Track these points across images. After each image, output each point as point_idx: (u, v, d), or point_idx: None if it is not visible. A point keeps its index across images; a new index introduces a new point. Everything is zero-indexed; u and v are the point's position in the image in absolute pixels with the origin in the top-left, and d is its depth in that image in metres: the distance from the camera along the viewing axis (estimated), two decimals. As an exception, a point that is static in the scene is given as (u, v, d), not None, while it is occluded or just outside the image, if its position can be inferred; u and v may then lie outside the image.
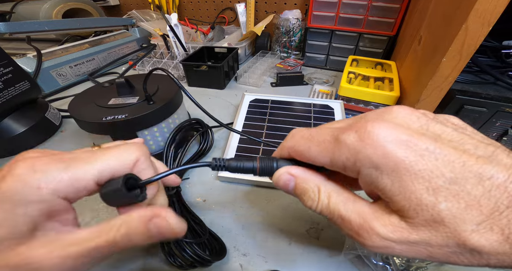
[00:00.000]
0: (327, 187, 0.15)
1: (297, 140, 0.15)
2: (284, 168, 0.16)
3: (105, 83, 0.38)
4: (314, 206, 0.15)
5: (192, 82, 0.61)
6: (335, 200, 0.14)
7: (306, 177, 0.15)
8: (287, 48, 0.74)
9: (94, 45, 0.68)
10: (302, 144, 0.15)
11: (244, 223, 0.29)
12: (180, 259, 0.23)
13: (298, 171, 0.16)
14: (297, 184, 0.15)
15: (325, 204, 0.14)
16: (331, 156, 0.13)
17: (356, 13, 0.60)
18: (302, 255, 0.26)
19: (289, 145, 0.16)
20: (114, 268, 0.24)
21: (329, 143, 0.14)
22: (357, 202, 0.14)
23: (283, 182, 0.16)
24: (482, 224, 0.10)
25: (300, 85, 0.61)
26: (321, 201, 0.15)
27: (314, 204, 0.15)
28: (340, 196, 0.14)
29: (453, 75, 0.30)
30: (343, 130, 0.13)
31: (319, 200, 0.15)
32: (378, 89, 0.47)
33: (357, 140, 0.12)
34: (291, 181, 0.16)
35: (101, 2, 0.99)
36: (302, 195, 0.15)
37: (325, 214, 0.15)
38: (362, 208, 0.14)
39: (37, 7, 0.72)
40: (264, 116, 0.42)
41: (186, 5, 0.93)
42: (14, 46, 0.71)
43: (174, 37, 0.65)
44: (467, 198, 0.11)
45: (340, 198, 0.14)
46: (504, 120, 0.32)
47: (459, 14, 0.28)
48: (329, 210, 0.14)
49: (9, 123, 0.40)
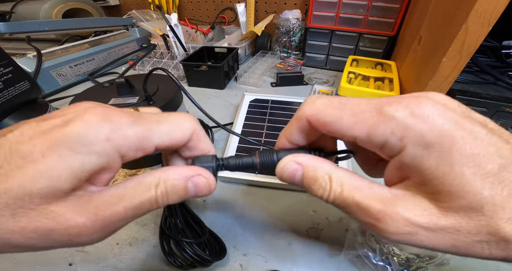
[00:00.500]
0: (339, 174, 0.13)
1: (320, 108, 0.14)
2: (289, 156, 0.15)
3: (105, 83, 0.38)
4: (325, 196, 0.14)
5: (192, 82, 0.61)
6: (348, 187, 0.13)
7: (315, 164, 0.14)
8: (287, 48, 0.74)
9: (94, 45, 0.68)
10: (330, 113, 0.13)
11: (244, 223, 0.29)
12: (180, 259, 0.23)
13: (305, 158, 0.14)
14: (305, 173, 0.14)
15: (338, 193, 0.13)
16: (371, 128, 0.12)
17: (356, 13, 0.60)
18: (302, 255, 0.26)
19: (310, 113, 0.14)
20: (114, 268, 0.24)
21: (369, 115, 0.12)
22: (373, 187, 0.13)
23: (289, 172, 0.14)
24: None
25: (300, 85, 0.61)
26: (333, 189, 0.13)
27: (325, 193, 0.13)
28: (353, 182, 0.13)
29: (453, 75, 0.30)
30: (388, 103, 0.12)
31: (331, 188, 0.13)
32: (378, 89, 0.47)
33: (409, 116, 0.11)
34: (298, 171, 0.14)
35: (101, 2, 0.99)
36: (311, 185, 0.14)
37: (338, 203, 0.13)
38: (381, 193, 0.13)
39: (37, 7, 0.72)
40: (264, 116, 0.42)
41: (186, 5, 0.93)
42: (14, 46, 0.71)
43: (174, 37, 0.65)
44: (511, 186, 0.10)
45: (354, 184, 0.13)
46: (504, 120, 0.32)
47: (459, 14, 0.28)
48: (342, 198, 0.13)
49: (9, 123, 0.40)
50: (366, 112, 0.12)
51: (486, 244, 0.11)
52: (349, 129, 0.13)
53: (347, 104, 0.13)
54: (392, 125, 0.12)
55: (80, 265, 0.25)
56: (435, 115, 0.11)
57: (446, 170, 0.11)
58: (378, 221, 0.12)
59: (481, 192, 0.10)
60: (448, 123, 0.11)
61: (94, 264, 0.25)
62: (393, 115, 0.12)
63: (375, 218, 0.12)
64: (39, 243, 0.11)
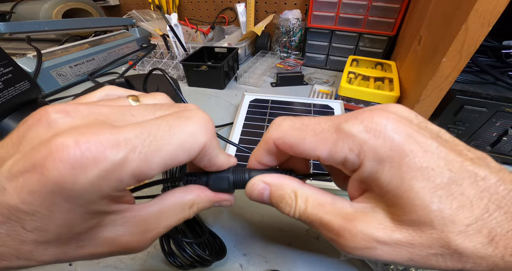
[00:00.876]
0: (304, 191, 0.14)
1: (285, 130, 0.14)
2: (258, 177, 0.15)
3: (105, 83, 0.38)
4: (292, 213, 0.14)
5: (192, 82, 0.61)
6: (312, 203, 0.13)
7: (281, 183, 0.15)
8: (287, 48, 0.74)
9: (94, 45, 0.68)
10: (294, 135, 0.13)
11: (244, 223, 0.29)
12: (180, 259, 0.23)
13: (272, 178, 0.15)
14: (272, 192, 0.15)
15: (302, 209, 0.14)
16: (331, 147, 0.12)
17: (356, 13, 0.60)
18: (302, 255, 0.26)
19: (276, 136, 0.14)
20: (114, 268, 0.24)
21: (329, 133, 0.12)
22: (336, 203, 0.13)
23: (257, 191, 0.15)
24: (471, 225, 0.10)
25: (300, 85, 0.61)
26: (298, 206, 0.14)
27: (291, 210, 0.14)
28: (317, 199, 0.14)
29: (453, 75, 0.30)
30: (344, 120, 0.12)
31: (296, 205, 0.14)
32: (378, 89, 0.47)
33: (364, 130, 0.11)
34: (265, 190, 0.15)
35: (101, 2, 0.98)
36: (279, 203, 0.14)
37: (304, 219, 0.14)
38: (342, 208, 0.13)
39: (37, 7, 0.72)
40: (264, 116, 0.42)
41: (186, 5, 0.93)
42: (14, 46, 0.71)
43: (174, 37, 0.65)
44: (460, 199, 0.10)
45: (318, 201, 0.13)
46: (504, 120, 0.32)
47: (459, 14, 0.28)
48: (307, 214, 0.13)
49: (9, 123, 0.40)
50: (325, 131, 0.13)
51: (441, 256, 0.11)
52: (312, 149, 0.13)
53: (309, 125, 0.13)
54: (349, 142, 0.12)
55: (80, 265, 0.25)
56: (387, 128, 0.11)
57: (398, 183, 0.11)
58: (338, 236, 0.12)
59: (430, 205, 0.10)
60: (399, 137, 0.11)
61: (94, 264, 0.25)
62: (349, 131, 0.12)
63: (336, 234, 0.12)
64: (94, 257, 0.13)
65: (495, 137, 0.34)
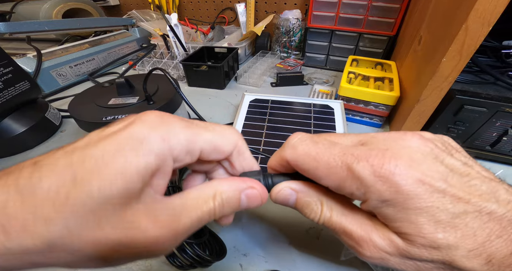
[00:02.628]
0: (329, 200, 0.16)
1: (301, 156, 0.15)
2: (285, 183, 0.16)
3: (105, 83, 0.38)
4: (317, 219, 0.16)
5: (192, 82, 0.61)
6: (336, 212, 0.15)
7: (308, 190, 0.16)
8: (287, 48, 0.74)
9: (94, 45, 0.68)
10: (307, 162, 0.15)
11: (244, 223, 0.29)
12: (180, 259, 0.23)
13: (299, 186, 0.16)
14: (299, 199, 0.16)
15: (327, 217, 0.15)
16: (340, 182, 0.14)
17: (356, 13, 0.60)
18: (302, 255, 0.26)
19: (291, 158, 0.15)
20: (114, 268, 0.24)
21: (340, 170, 0.13)
22: (357, 214, 0.15)
23: (284, 196, 0.16)
24: (473, 251, 0.12)
25: (300, 85, 0.61)
26: (323, 213, 0.15)
27: (317, 216, 0.15)
28: (341, 209, 0.15)
29: (453, 75, 0.30)
30: (355, 157, 0.13)
31: (321, 213, 0.15)
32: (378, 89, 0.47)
33: (372, 174, 0.12)
34: (292, 196, 0.16)
35: (101, 2, 0.99)
36: (304, 208, 0.16)
37: (327, 225, 0.15)
38: (363, 220, 0.14)
39: (37, 7, 0.72)
40: (264, 116, 0.42)
41: (186, 5, 0.93)
42: (14, 46, 0.71)
43: (174, 37, 0.65)
44: (464, 229, 0.12)
45: (341, 211, 0.15)
46: (504, 120, 0.32)
47: (459, 14, 0.28)
48: (331, 222, 0.15)
49: (9, 123, 0.40)
50: (338, 167, 0.14)
51: (443, 270, 0.13)
52: (323, 179, 0.14)
53: (323, 156, 0.14)
54: (357, 183, 0.13)
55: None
56: (395, 174, 0.12)
57: (403, 217, 0.12)
58: (358, 245, 0.14)
59: (435, 235, 0.12)
60: (405, 182, 0.12)
61: (94, 264, 0.25)
62: (358, 174, 0.13)
63: (356, 242, 0.14)
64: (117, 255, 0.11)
65: (495, 137, 0.34)
